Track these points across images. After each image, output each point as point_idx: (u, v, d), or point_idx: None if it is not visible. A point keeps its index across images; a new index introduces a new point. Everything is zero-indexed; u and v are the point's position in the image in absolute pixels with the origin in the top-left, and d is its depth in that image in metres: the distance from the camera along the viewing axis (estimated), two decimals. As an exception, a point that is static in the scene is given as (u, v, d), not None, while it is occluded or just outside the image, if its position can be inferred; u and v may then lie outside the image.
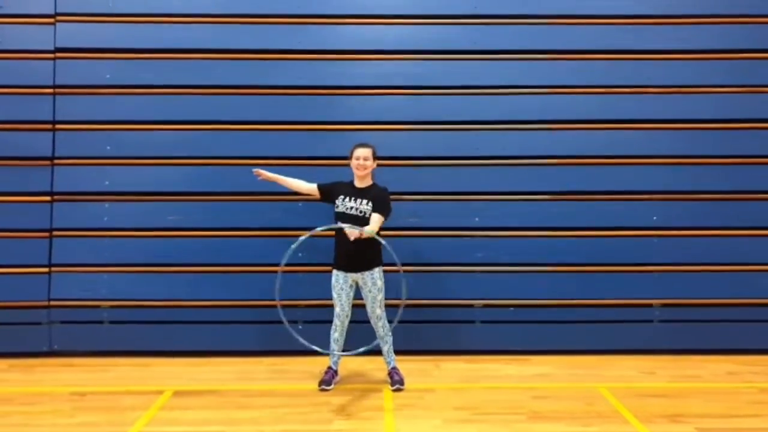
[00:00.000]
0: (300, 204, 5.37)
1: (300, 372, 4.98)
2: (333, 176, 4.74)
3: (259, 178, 4.83)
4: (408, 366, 4.83)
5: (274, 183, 4.83)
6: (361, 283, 4.58)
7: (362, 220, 4.46)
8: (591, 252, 5.50)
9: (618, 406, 4.26)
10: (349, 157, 4.62)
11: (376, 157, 4.62)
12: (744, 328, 5.47)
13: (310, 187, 4.78)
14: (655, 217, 5.54)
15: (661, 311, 5.49)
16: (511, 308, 5.49)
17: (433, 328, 5.47)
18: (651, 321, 5.49)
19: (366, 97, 5.53)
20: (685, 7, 5.63)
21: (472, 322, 5.48)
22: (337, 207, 4.57)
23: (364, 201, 4.51)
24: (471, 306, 5.48)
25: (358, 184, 4.60)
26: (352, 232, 4.30)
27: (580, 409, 4.23)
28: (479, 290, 5.48)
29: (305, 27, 5.59)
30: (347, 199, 4.54)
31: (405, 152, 5.50)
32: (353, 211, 4.50)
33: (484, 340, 5.46)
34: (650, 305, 5.49)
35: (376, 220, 4.43)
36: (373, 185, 4.64)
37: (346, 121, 5.50)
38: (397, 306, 4.30)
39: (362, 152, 4.58)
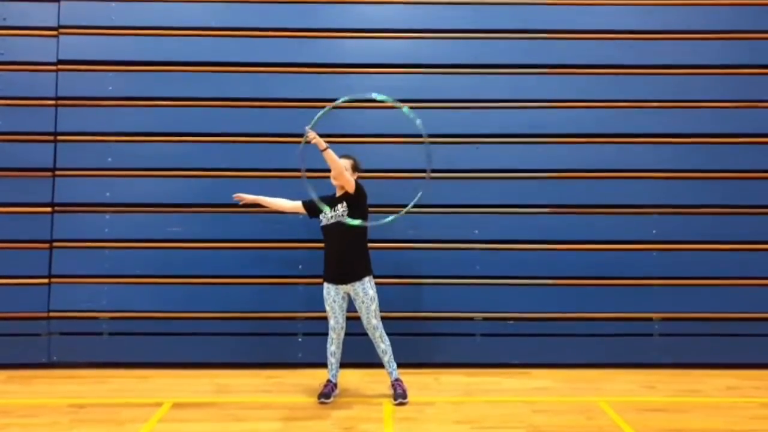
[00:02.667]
0: (300, 216, 5.38)
1: (299, 384, 4.98)
2: (334, 189, 4.76)
3: (241, 202, 4.85)
4: (407, 379, 4.80)
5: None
6: (352, 294, 4.56)
7: (343, 225, 4.45)
8: (590, 265, 5.51)
9: (618, 421, 4.24)
10: None
11: (357, 169, 4.62)
12: (744, 342, 5.46)
13: (294, 205, 4.81)
14: (654, 231, 5.55)
15: (661, 325, 5.49)
16: (511, 321, 5.48)
17: (432, 340, 5.47)
18: (651, 335, 5.48)
19: (366, 110, 5.55)
20: (684, 22, 5.69)
21: (472, 335, 5.48)
22: (321, 221, 4.59)
23: (341, 206, 4.51)
24: (471, 319, 5.48)
25: (336, 193, 4.62)
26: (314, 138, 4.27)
27: (579, 423, 4.22)
28: (479, 303, 5.48)
29: (306, 40, 5.63)
30: (329, 211, 4.55)
31: (405, 165, 5.52)
32: (333, 220, 4.51)
33: (483, 353, 5.45)
34: (650, 319, 5.49)
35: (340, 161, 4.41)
36: None
37: (346, 134, 5.50)
38: (394, 318, 4.27)
39: None
